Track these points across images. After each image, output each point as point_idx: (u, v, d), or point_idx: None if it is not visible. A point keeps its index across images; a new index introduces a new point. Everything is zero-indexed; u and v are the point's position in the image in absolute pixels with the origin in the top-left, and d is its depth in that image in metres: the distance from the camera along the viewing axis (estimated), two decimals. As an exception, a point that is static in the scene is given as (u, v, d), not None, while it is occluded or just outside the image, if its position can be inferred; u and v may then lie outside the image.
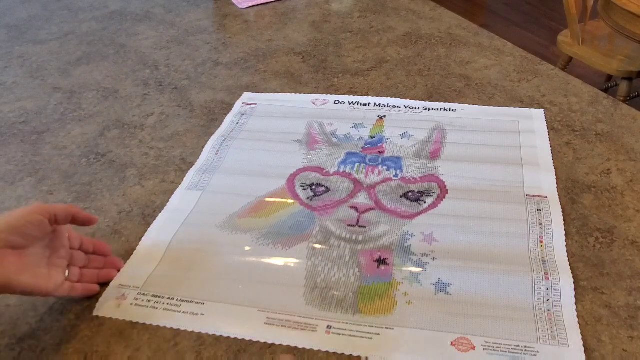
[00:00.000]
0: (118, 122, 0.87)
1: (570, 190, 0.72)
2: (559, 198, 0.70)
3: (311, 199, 0.69)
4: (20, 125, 0.88)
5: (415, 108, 0.85)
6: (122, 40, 1.10)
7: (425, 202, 0.67)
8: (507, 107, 0.86)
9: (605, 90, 1.77)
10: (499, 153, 0.75)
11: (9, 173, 0.78)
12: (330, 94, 0.91)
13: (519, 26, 3.07)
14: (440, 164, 0.73)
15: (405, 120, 0.82)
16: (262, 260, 0.61)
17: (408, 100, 0.87)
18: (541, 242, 0.62)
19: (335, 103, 0.88)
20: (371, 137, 0.79)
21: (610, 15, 1.80)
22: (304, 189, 0.70)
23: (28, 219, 0.50)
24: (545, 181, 0.71)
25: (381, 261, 0.60)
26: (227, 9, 1.22)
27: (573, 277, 0.59)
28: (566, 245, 0.63)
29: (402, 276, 0.58)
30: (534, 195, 0.69)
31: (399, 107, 0.85)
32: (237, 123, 0.83)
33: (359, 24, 1.16)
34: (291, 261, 0.61)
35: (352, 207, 0.67)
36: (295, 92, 0.93)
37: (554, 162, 0.76)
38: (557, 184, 0.72)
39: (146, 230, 0.66)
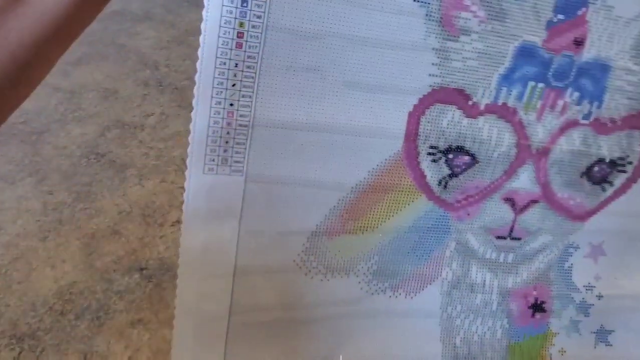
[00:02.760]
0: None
1: (570, 190, 0.72)
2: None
3: (445, 185, 0.38)
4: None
5: None
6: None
7: (612, 185, 0.40)
8: None
9: (605, 90, 1.76)
10: None
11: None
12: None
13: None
14: None
15: None
16: (381, 321, 0.40)
17: None
18: None
19: None
20: None
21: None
22: (434, 161, 0.37)
23: None
24: None
25: (537, 307, 0.45)
26: (227, 9, 1.22)
27: None
28: None
29: (560, 325, 0.45)
30: None
31: None
32: None
33: (359, 24, 1.17)
34: (419, 319, 0.41)
35: (506, 200, 0.40)
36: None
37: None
38: None
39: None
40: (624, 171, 0.41)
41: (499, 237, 0.41)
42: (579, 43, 0.37)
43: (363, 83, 0.34)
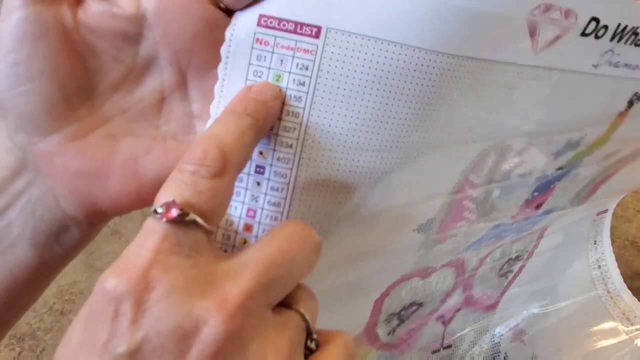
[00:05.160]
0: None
1: (570, 190, 0.72)
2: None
3: (393, 332, 0.37)
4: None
5: None
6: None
7: (512, 272, 0.42)
8: None
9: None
10: None
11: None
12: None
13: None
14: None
15: None
16: None
17: None
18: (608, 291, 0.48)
19: (586, 35, 0.21)
20: (559, 169, 0.31)
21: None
22: (388, 322, 0.36)
23: None
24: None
25: None
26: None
27: None
28: None
29: None
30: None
31: None
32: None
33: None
34: None
35: (438, 318, 0.41)
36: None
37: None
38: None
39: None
40: (521, 259, 0.42)
41: (433, 352, 0.42)
42: (539, 206, 0.35)
43: (345, 292, 0.30)
